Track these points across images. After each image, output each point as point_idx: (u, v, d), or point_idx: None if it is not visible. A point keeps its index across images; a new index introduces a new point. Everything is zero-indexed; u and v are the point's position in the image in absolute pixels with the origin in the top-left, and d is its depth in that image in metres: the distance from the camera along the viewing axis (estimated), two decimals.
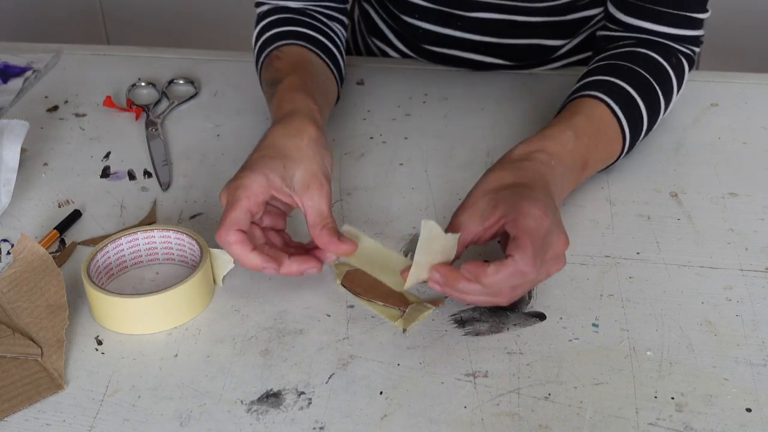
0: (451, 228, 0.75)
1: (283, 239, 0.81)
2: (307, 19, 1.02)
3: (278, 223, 0.81)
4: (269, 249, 0.78)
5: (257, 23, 1.03)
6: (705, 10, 0.96)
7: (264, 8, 1.04)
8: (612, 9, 0.97)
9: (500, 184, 0.77)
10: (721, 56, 1.91)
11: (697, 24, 0.96)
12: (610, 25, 0.98)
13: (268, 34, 1.00)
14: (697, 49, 0.97)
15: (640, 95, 0.91)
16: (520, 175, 0.78)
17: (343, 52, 1.05)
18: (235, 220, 0.76)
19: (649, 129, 0.93)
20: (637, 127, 0.91)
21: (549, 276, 0.75)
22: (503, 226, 0.74)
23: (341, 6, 1.06)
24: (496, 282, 0.70)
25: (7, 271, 0.81)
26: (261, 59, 1.00)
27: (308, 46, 0.99)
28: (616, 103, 0.89)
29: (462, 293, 0.73)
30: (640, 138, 0.93)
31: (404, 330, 0.75)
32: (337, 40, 1.04)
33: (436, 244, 0.72)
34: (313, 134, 0.81)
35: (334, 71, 1.00)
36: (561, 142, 0.84)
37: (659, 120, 0.95)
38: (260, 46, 1.01)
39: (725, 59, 1.92)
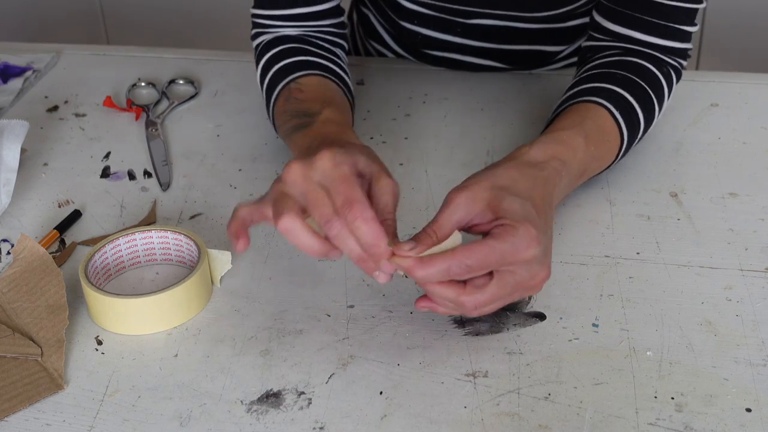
0: (441, 217, 0.71)
1: None
2: (313, 48, 0.98)
3: None
4: None
5: (260, 56, 0.98)
6: (694, 24, 0.94)
7: (262, 39, 1.00)
8: (599, 18, 0.96)
9: (512, 185, 0.72)
10: (721, 56, 1.91)
11: (686, 37, 0.94)
12: (597, 35, 0.96)
13: (277, 66, 0.95)
14: (684, 63, 0.96)
15: (639, 104, 0.90)
16: (533, 186, 0.74)
17: (350, 79, 1.00)
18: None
19: (640, 139, 0.93)
20: (633, 136, 0.90)
21: (514, 299, 0.72)
22: (497, 226, 0.70)
23: (340, 31, 1.02)
24: (477, 253, 0.66)
25: (7, 271, 0.81)
26: (276, 92, 0.94)
27: (325, 74, 0.95)
28: (618, 111, 0.88)
29: (433, 275, 0.68)
30: (631, 147, 0.92)
31: None
32: (344, 66, 1.00)
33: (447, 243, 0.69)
34: (369, 152, 0.74)
35: (350, 98, 0.97)
36: (573, 150, 0.81)
37: (649, 130, 0.94)
38: (271, 79, 0.95)
39: (725, 59, 1.92)
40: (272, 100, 0.95)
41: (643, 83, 0.91)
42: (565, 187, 0.81)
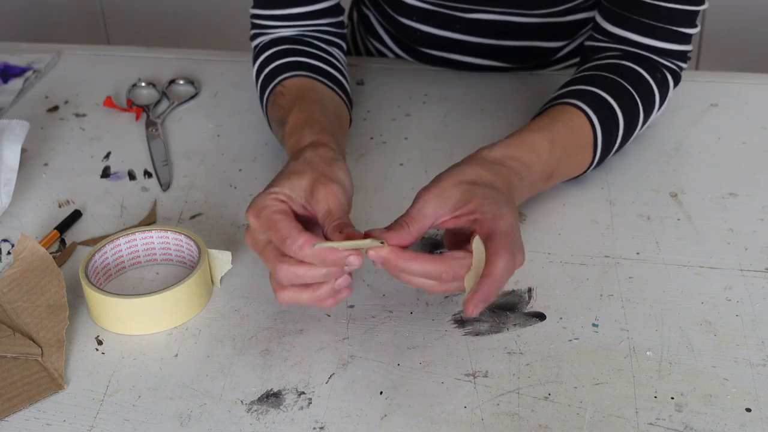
0: (414, 210, 0.72)
1: None
2: (306, 48, 0.98)
3: None
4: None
5: (256, 57, 0.99)
6: (694, 26, 0.94)
7: (259, 41, 1.00)
8: (600, 19, 0.96)
9: (477, 179, 0.75)
10: (721, 56, 1.91)
11: (686, 39, 0.94)
12: (598, 36, 0.97)
13: (268, 68, 0.96)
14: (684, 65, 0.96)
15: (621, 108, 0.90)
16: (496, 179, 0.77)
17: (347, 78, 1.00)
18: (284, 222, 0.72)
19: (622, 145, 0.92)
20: (611, 141, 0.90)
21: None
22: (472, 221, 0.72)
23: (338, 31, 1.02)
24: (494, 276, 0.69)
25: (8, 271, 0.81)
26: (265, 96, 0.96)
27: (311, 75, 0.95)
28: (596, 115, 0.88)
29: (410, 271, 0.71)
30: (612, 153, 0.92)
31: None
32: (339, 65, 0.99)
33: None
34: (310, 157, 0.77)
35: (342, 96, 0.96)
36: (537, 153, 0.83)
37: (633, 136, 0.93)
38: (263, 82, 0.96)
39: (725, 59, 1.92)
40: (264, 107, 0.97)
41: (630, 87, 0.91)
42: (528, 187, 0.83)
